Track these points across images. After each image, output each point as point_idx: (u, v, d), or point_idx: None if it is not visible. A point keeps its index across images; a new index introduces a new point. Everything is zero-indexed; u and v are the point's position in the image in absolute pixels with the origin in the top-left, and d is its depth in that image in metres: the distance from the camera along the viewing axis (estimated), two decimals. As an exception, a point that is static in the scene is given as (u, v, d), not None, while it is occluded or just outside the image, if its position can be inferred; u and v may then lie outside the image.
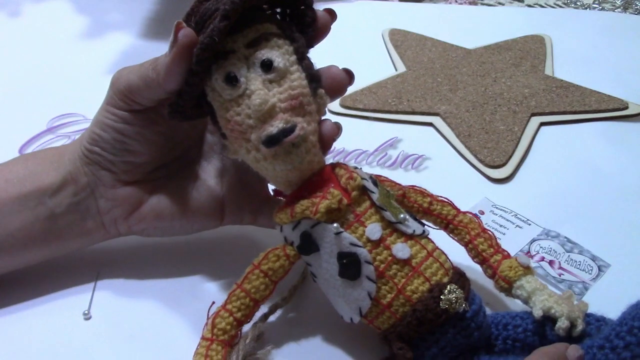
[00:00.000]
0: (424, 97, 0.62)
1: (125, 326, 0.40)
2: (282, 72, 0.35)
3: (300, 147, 0.35)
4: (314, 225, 0.36)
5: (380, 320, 0.35)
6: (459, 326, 0.34)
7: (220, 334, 0.35)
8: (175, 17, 0.36)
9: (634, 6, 0.83)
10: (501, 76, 0.65)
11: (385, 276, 0.35)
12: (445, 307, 0.34)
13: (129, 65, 0.39)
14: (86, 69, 0.67)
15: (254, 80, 0.35)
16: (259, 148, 0.35)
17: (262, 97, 0.34)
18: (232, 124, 0.35)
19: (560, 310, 0.35)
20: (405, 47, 0.70)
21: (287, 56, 0.36)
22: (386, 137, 0.57)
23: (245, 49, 0.35)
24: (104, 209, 0.41)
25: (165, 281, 0.43)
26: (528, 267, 0.38)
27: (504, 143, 0.56)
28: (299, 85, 0.35)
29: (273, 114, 0.34)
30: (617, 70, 0.67)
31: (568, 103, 0.61)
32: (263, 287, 0.36)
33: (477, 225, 0.40)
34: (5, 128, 0.59)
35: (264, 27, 0.36)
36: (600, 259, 0.45)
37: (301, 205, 0.36)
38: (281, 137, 0.34)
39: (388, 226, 0.36)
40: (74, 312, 0.41)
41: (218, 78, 0.35)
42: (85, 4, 0.79)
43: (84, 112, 0.60)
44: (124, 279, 0.43)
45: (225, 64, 0.35)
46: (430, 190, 0.41)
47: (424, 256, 0.36)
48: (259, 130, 0.34)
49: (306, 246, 0.36)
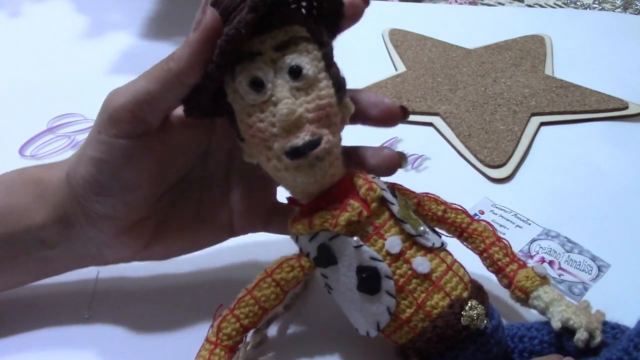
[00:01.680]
0: (424, 97, 0.62)
1: (125, 326, 0.40)
2: (311, 80, 0.33)
3: (324, 161, 0.34)
4: (332, 238, 0.34)
5: (398, 335, 0.35)
6: (479, 342, 0.34)
7: (225, 339, 0.35)
8: (176, 17, 0.36)
9: (634, 6, 0.83)
10: (501, 76, 0.65)
11: (404, 290, 0.34)
12: (467, 324, 0.33)
13: (120, 86, 0.35)
14: (86, 69, 0.67)
15: (281, 88, 0.33)
16: (281, 158, 0.33)
17: (289, 107, 0.32)
18: (254, 130, 0.33)
19: (579, 321, 0.34)
20: (405, 47, 0.70)
21: (316, 62, 0.34)
22: (386, 137, 0.57)
23: (273, 52, 0.33)
24: (106, 255, 0.38)
25: (167, 281, 0.43)
26: (545, 277, 0.37)
27: (504, 143, 0.56)
28: (326, 95, 0.34)
29: (299, 124, 0.33)
30: (617, 70, 0.67)
31: (568, 103, 0.61)
32: (273, 296, 0.36)
33: (492, 234, 0.39)
34: (5, 128, 0.59)
35: (293, 30, 0.34)
36: (600, 259, 0.45)
37: (320, 217, 0.34)
38: (307, 150, 0.33)
39: (408, 239, 0.35)
40: (74, 313, 0.41)
41: (242, 81, 0.33)
42: (85, 4, 0.79)
43: (84, 112, 0.60)
44: (125, 276, 0.43)
45: (251, 66, 0.33)
46: (430, 190, 0.41)
47: (443, 270, 0.35)
48: (282, 140, 0.33)
49: (324, 258, 0.35)
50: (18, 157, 0.56)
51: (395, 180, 0.43)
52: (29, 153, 0.56)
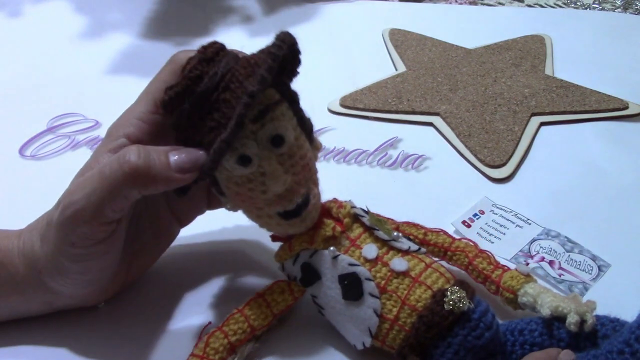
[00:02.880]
0: (424, 97, 0.62)
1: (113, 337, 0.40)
2: (292, 144, 0.35)
3: (312, 212, 0.36)
4: (312, 255, 0.37)
5: (391, 337, 0.35)
6: (467, 327, 0.34)
7: (211, 353, 0.35)
8: (176, 17, 0.36)
9: (634, 6, 0.82)
10: (501, 76, 0.65)
11: (387, 291, 0.35)
12: (450, 308, 0.34)
13: (74, 191, 0.34)
14: (86, 69, 0.67)
15: (268, 160, 0.34)
16: (273, 216, 0.36)
17: (281, 180, 0.34)
18: (244, 197, 0.35)
19: (568, 306, 0.35)
20: (405, 47, 0.70)
21: (293, 123, 0.35)
22: (386, 136, 0.57)
23: (252, 124, 0.34)
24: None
25: (158, 295, 0.43)
26: (528, 274, 0.39)
27: (504, 143, 0.56)
28: (306, 151, 0.36)
29: (290, 190, 0.35)
30: (617, 70, 0.67)
31: (568, 103, 0.61)
32: (263, 316, 0.37)
33: (474, 248, 0.41)
34: (5, 128, 0.59)
35: (267, 97, 0.34)
36: (600, 259, 0.45)
37: (298, 239, 0.37)
38: (300, 212, 0.36)
39: (384, 245, 0.37)
40: (74, 313, 0.41)
41: (230, 159, 0.34)
42: (85, 4, 0.79)
43: (84, 112, 0.60)
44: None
45: (235, 144, 0.33)
46: (430, 190, 0.41)
47: (422, 267, 0.36)
48: (275, 205, 0.35)
49: (308, 276, 0.37)
50: (18, 157, 0.56)
51: (395, 180, 0.44)
52: (29, 153, 0.56)
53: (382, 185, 0.53)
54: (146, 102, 0.37)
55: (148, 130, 0.37)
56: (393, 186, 0.53)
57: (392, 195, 0.52)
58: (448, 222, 0.48)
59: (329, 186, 0.39)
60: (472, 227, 0.48)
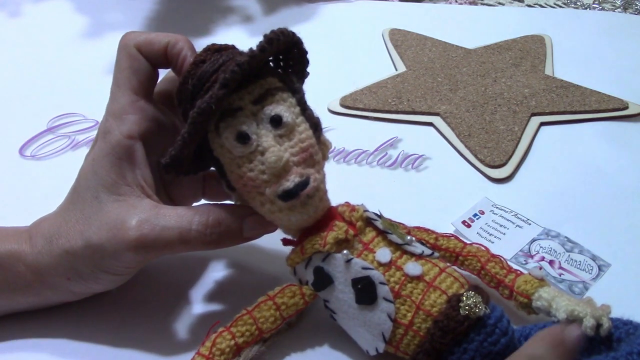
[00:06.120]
0: (424, 97, 0.62)
1: (116, 336, 0.40)
2: (291, 125, 0.36)
3: (314, 197, 0.36)
4: (324, 259, 0.37)
5: (405, 342, 0.35)
6: (483, 333, 0.34)
7: (217, 354, 0.35)
8: (176, 17, 0.36)
9: (634, 6, 0.83)
10: (501, 76, 0.65)
11: (401, 295, 0.35)
12: (466, 313, 0.34)
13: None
14: (86, 69, 0.67)
15: (266, 137, 0.35)
16: (275, 201, 0.36)
17: (276, 154, 0.35)
18: (245, 180, 0.36)
19: (584, 310, 0.35)
20: (405, 47, 0.70)
21: (293, 109, 0.36)
22: (386, 136, 0.57)
23: (253, 106, 0.36)
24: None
25: (164, 294, 0.43)
26: (542, 279, 0.39)
27: (504, 143, 0.56)
28: (307, 137, 0.36)
29: (287, 168, 0.35)
30: (617, 70, 0.67)
31: (568, 103, 0.61)
32: (272, 319, 0.37)
33: (486, 252, 0.41)
34: (5, 128, 0.59)
35: (267, 83, 0.36)
36: (600, 259, 0.45)
37: (310, 241, 0.37)
38: (298, 191, 0.35)
39: (397, 249, 0.37)
40: (73, 314, 0.41)
41: (229, 137, 0.35)
42: (85, 3, 0.79)
43: (84, 112, 0.60)
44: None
45: (234, 122, 0.35)
46: (430, 190, 0.41)
47: (436, 272, 0.36)
48: (274, 185, 0.35)
49: (320, 280, 0.37)
50: (18, 157, 0.56)
51: (395, 180, 0.43)
52: (29, 153, 0.56)
53: (382, 186, 0.53)
54: (124, 94, 0.38)
55: (139, 120, 0.38)
56: (393, 186, 0.53)
57: (392, 196, 0.52)
58: (448, 222, 0.48)
59: (329, 186, 0.39)
60: (472, 227, 0.48)
